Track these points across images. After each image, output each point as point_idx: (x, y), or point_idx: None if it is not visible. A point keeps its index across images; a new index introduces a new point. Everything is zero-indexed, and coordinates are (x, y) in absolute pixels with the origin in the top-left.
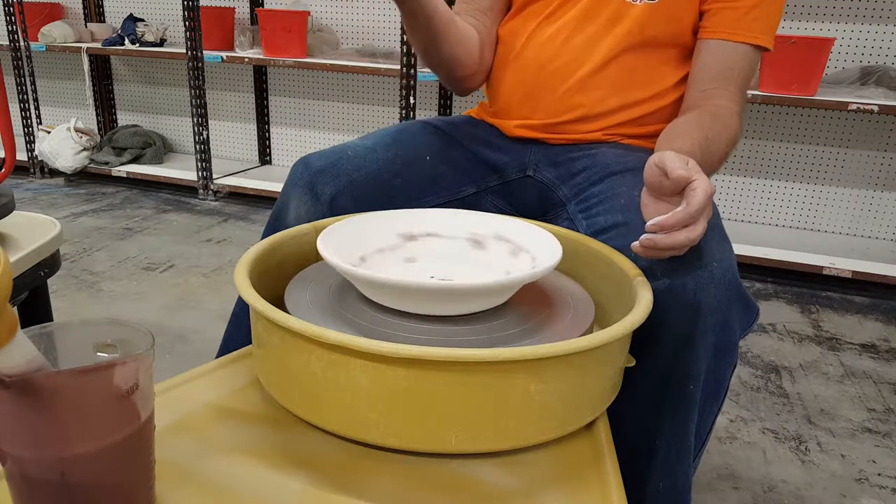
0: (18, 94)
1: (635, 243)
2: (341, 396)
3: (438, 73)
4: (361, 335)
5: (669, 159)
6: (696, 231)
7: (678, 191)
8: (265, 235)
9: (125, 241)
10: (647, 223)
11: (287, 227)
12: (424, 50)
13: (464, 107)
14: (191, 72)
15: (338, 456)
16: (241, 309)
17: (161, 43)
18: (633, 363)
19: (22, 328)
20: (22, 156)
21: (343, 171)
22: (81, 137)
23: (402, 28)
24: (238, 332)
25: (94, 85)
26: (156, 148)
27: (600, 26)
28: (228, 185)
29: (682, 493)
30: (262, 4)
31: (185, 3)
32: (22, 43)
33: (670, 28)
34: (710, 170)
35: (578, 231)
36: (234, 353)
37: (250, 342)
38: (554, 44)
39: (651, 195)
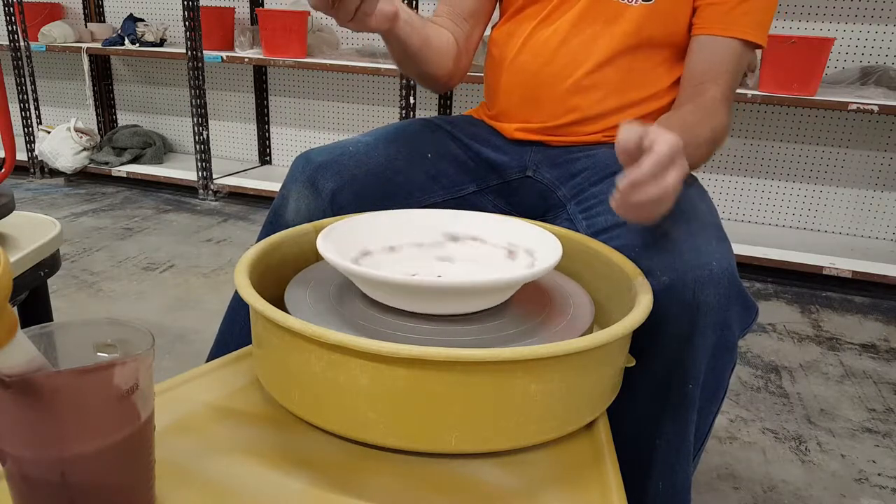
0: (18, 94)
1: (611, 199)
2: (341, 396)
3: (412, 78)
4: (361, 335)
5: (624, 130)
6: (665, 181)
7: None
8: (263, 231)
9: (125, 241)
10: (620, 184)
11: (286, 222)
12: (399, 63)
13: (463, 107)
14: (191, 72)
15: (338, 456)
16: (236, 306)
17: (161, 43)
18: (633, 363)
19: (22, 328)
20: (22, 156)
21: (345, 167)
22: (81, 137)
23: None
24: (231, 329)
25: (94, 85)
26: (156, 148)
27: (597, 28)
28: (228, 185)
29: (681, 492)
30: (262, 4)
31: (185, 3)
32: (22, 43)
33: (667, 28)
34: (695, 153)
35: (578, 231)
36: (234, 353)
37: (245, 340)
38: (550, 46)
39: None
